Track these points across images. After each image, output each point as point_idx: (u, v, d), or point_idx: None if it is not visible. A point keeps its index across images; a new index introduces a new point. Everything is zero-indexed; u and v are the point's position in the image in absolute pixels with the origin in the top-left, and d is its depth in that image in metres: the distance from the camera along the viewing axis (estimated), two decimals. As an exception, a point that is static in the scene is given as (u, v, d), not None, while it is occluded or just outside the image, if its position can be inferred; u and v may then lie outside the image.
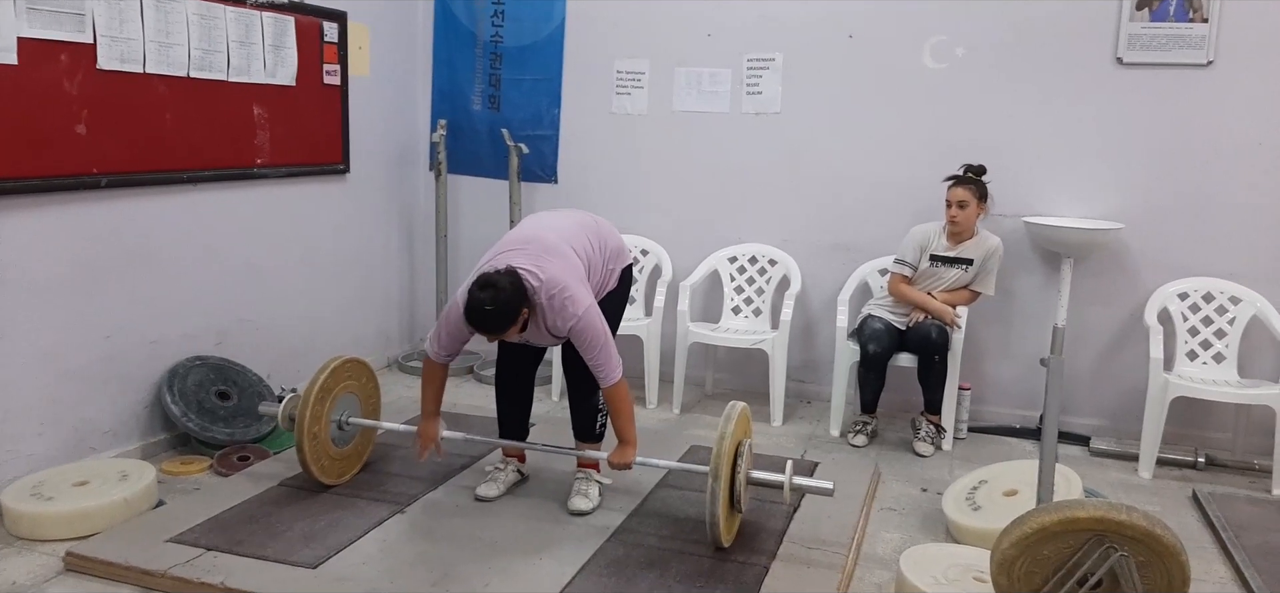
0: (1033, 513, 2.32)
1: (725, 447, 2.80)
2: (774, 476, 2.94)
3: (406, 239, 5.26)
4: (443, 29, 5.14)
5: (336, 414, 3.35)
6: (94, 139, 3.38)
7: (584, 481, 3.28)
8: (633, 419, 3.07)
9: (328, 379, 3.28)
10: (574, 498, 3.23)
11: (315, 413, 3.23)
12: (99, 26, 3.35)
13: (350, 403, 3.43)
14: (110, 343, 3.54)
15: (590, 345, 2.94)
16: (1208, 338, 4.06)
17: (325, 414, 3.29)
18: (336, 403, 3.35)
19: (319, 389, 3.24)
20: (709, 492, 2.79)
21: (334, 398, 3.33)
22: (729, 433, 2.82)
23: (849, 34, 4.47)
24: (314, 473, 3.26)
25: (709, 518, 2.81)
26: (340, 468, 3.40)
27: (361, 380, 3.49)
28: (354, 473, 3.48)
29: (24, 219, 3.21)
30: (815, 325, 4.73)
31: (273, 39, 4.10)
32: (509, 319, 2.82)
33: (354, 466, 3.49)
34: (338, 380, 3.35)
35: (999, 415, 4.43)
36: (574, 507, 3.20)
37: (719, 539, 2.85)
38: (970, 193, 4.01)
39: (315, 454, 3.26)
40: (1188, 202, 4.11)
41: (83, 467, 3.31)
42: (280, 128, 4.18)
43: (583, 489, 3.25)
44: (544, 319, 2.94)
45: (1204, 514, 3.45)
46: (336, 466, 3.38)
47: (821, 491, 2.94)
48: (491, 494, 3.29)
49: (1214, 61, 4.01)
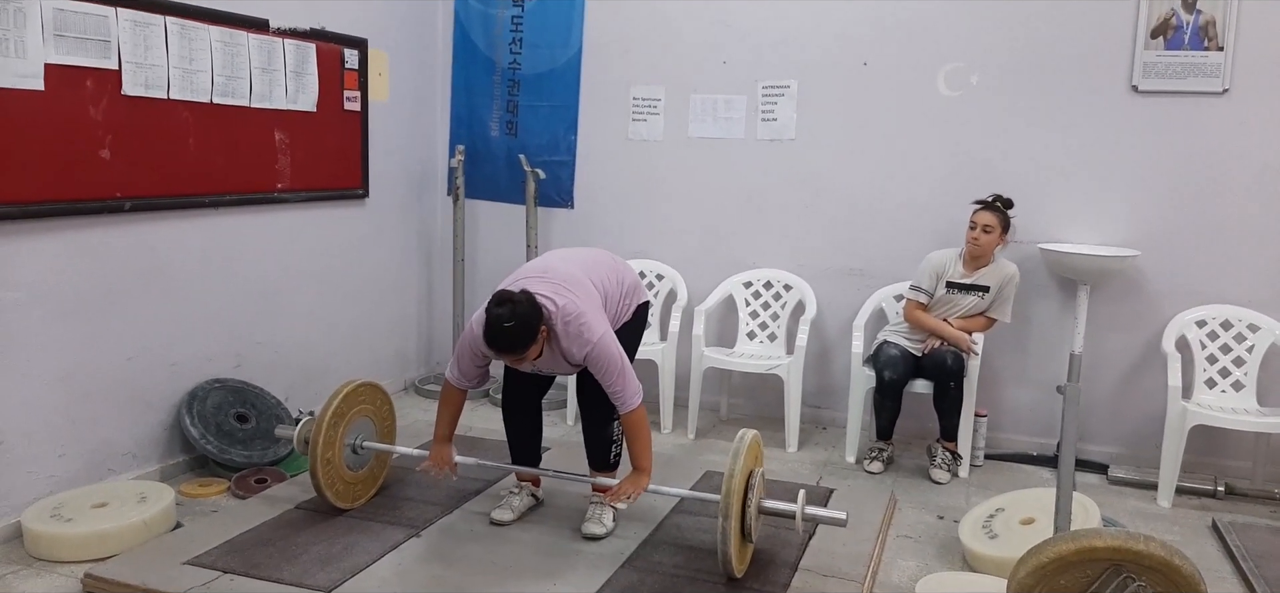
0: (1050, 542, 2.31)
1: (735, 483, 2.78)
2: (786, 506, 2.93)
3: (424, 263, 5.30)
4: (461, 56, 5.20)
5: (351, 438, 3.37)
6: (118, 164, 3.43)
7: (598, 506, 3.28)
8: (649, 447, 3.08)
9: (341, 404, 3.31)
10: (588, 523, 3.23)
11: (329, 438, 3.25)
12: (124, 53, 3.41)
13: (365, 427, 3.45)
14: (131, 365, 3.58)
15: (607, 372, 2.95)
16: (1226, 366, 4.03)
17: (339, 438, 3.31)
18: (351, 427, 3.37)
19: (332, 414, 3.27)
20: (720, 529, 2.78)
21: (348, 422, 3.36)
22: (739, 466, 2.81)
23: (863, 62, 4.50)
24: (328, 497, 3.28)
25: (721, 553, 2.81)
26: (355, 492, 3.42)
27: (376, 404, 3.52)
28: (369, 497, 3.49)
29: (48, 242, 3.26)
30: (830, 351, 4.72)
31: (294, 65, 4.16)
32: (527, 338, 2.81)
33: (369, 489, 3.50)
34: (351, 404, 3.37)
35: (1016, 442, 4.41)
36: (588, 531, 3.20)
37: (732, 571, 2.84)
38: (996, 220, 4.01)
39: (329, 478, 3.28)
40: (1204, 228, 4.10)
41: (102, 489, 3.34)
42: (301, 153, 4.24)
43: (597, 515, 3.25)
44: (560, 345, 2.95)
45: (1224, 544, 3.41)
46: (351, 489, 3.40)
47: (834, 521, 2.93)
48: (506, 518, 3.30)
49: (1229, 89, 4.00)
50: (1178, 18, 4.04)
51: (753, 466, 2.94)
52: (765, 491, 2.99)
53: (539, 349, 2.90)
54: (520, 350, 2.84)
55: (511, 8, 5.04)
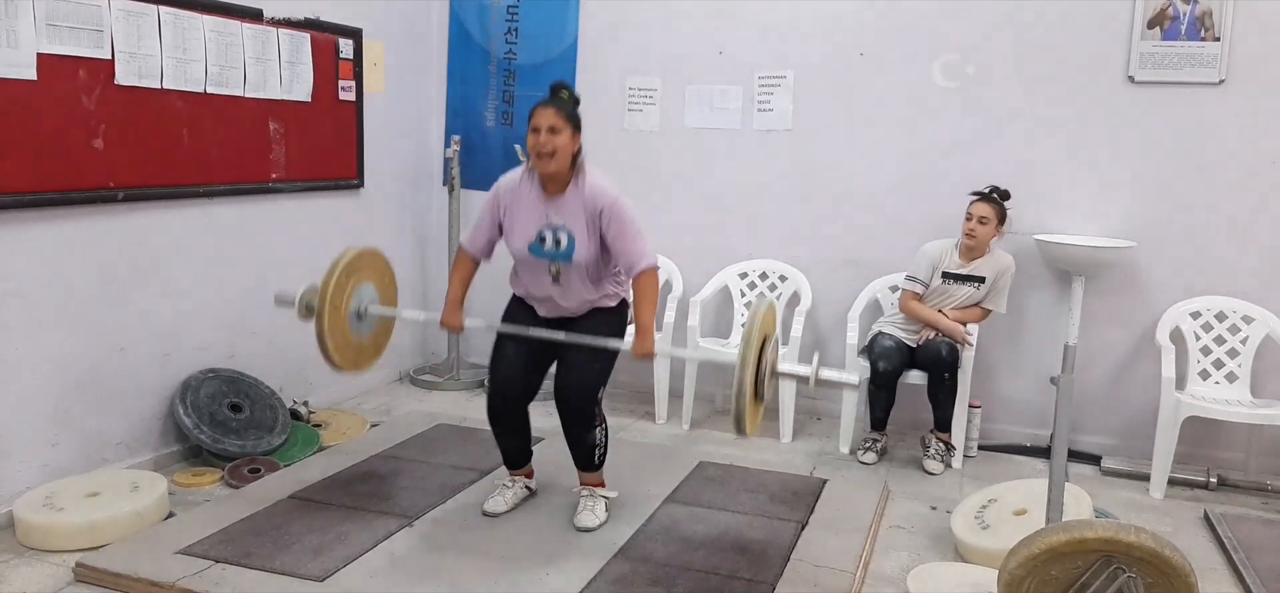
0: (1041, 533, 2.32)
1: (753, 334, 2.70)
2: (801, 368, 2.87)
3: (419, 253, 5.30)
4: (457, 46, 5.19)
5: (355, 304, 3.26)
6: (111, 154, 3.42)
7: (589, 497, 3.28)
8: (654, 309, 3.05)
9: (345, 269, 3.17)
10: (581, 514, 3.23)
11: (335, 301, 3.13)
12: (117, 43, 3.39)
13: (368, 292, 3.33)
14: (124, 355, 3.57)
15: (623, 230, 3.01)
16: (1220, 357, 4.03)
17: (345, 302, 3.19)
18: (355, 292, 3.25)
19: (338, 276, 3.14)
20: (735, 384, 2.71)
21: (352, 287, 3.24)
22: (756, 325, 2.73)
23: (860, 52, 4.49)
24: (335, 360, 3.18)
25: (734, 410, 2.75)
26: (360, 357, 3.34)
27: (379, 271, 3.40)
28: (370, 364, 3.42)
29: (41, 232, 3.25)
30: (825, 342, 4.72)
31: (289, 55, 4.14)
32: (572, 105, 3.02)
33: (371, 357, 3.42)
34: (355, 270, 3.24)
35: (1009, 434, 4.41)
36: (581, 523, 3.20)
37: (744, 429, 2.78)
38: (992, 211, 4.01)
39: (336, 341, 3.17)
40: (1200, 220, 4.10)
41: (95, 478, 3.34)
42: (295, 143, 4.23)
43: (589, 506, 3.25)
44: (584, 189, 3.03)
45: (1216, 535, 3.42)
46: (357, 354, 3.31)
47: (846, 385, 2.90)
48: (499, 509, 3.30)
49: (1226, 80, 4.00)
50: (1175, 8, 4.03)
51: (768, 330, 2.84)
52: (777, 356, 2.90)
53: (570, 139, 3.00)
54: (563, 114, 2.97)
55: (507, -3, 5.02)
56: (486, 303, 5.30)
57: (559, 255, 3.07)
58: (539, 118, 3.00)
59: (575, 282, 3.11)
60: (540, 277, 3.14)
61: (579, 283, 3.12)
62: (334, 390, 4.65)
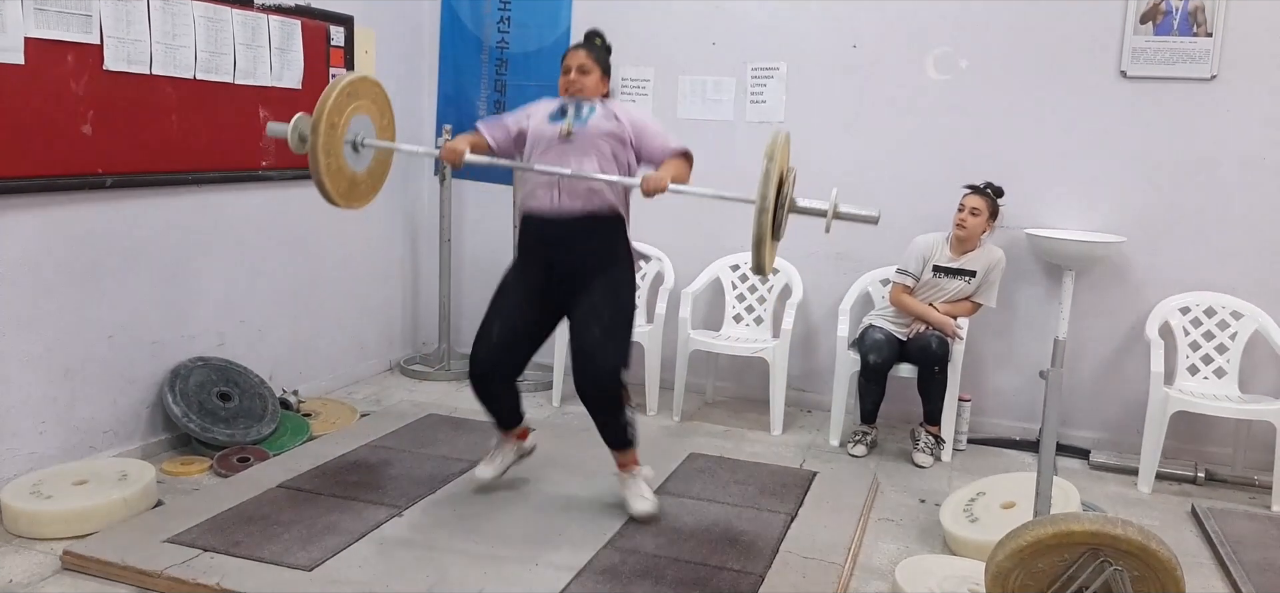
0: (1028, 526, 2.33)
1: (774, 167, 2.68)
2: (818, 203, 2.84)
3: (410, 243, 5.28)
4: (449, 35, 5.17)
5: (350, 135, 3.11)
6: (100, 139, 3.40)
7: (632, 480, 3.23)
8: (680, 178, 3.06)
9: (339, 96, 3.01)
10: (634, 503, 3.18)
11: (330, 129, 2.98)
12: (106, 27, 3.37)
13: (364, 124, 3.18)
14: (113, 343, 3.56)
15: (646, 129, 3.08)
16: (1209, 353, 4.05)
17: (340, 131, 3.03)
18: (350, 123, 3.10)
19: (332, 104, 2.98)
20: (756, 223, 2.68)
21: (348, 117, 3.07)
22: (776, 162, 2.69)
23: (853, 44, 4.48)
24: (330, 192, 3.07)
25: (754, 248, 2.73)
26: (356, 191, 3.22)
27: (376, 101, 3.25)
28: (369, 199, 3.30)
29: (29, 218, 3.23)
30: (816, 335, 4.73)
31: (279, 42, 4.12)
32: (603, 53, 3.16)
33: (370, 192, 3.30)
34: (350, 99, 3.08)
35: (999, 427, 4.43)
36: (637, 511, 3.16)
37: (763, 267, 2.79)
38: (984, 204, 4.02)
39: (332, 173, 3.04)
40: (1190, 215, 4.11)
41: (83, 466, 3.32)
42: (285, 131, 4.20)
43: (636, 490, 3.21)
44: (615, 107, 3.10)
45: (1203, 530, 3.44)
46: (353, 188, 3.19)
47: (866, 219, 2.87)
48: (488, 475, 3.30)
49: (1217, 75, 4.01)
50: (1167, 3, 4.04)
51: (784, 164, 2.81)
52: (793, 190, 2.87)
53: (599, 80, 3.13)
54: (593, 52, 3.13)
55: (499, -14, 5.00)
56: (480, 278, 5.30)
57: (577, 119, 3.06)
58: (570, 58, 3.12)
59: (588, 151, 3.02)
60: (551, 142, 3.06)
61: (591, 153, 3.02)
62: (324, 380, 4.64)
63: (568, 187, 3.04)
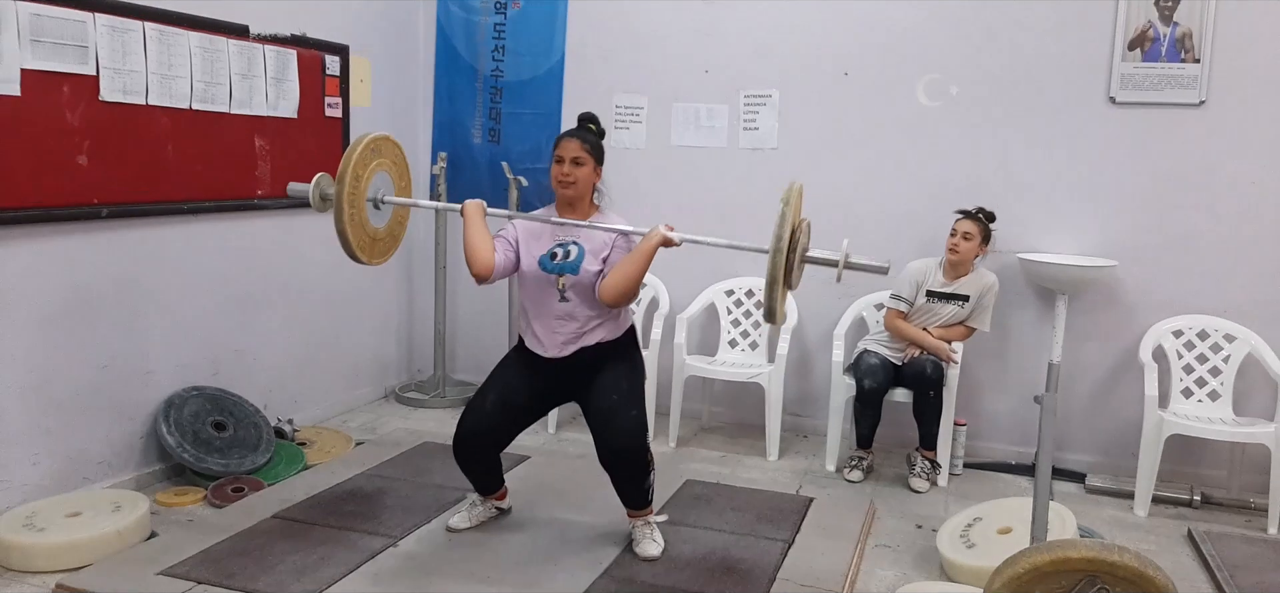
0: (1025, 552, 2.33)
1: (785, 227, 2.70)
2: (829, 254, 2.86)
3: (405, 271, 5.28)
4: (444, 63, 5.19)
5: (371, 193, 3.16)
6: (95, 170, 3.40)
7: (643, 526, 3.21)
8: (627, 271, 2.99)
9: (362, 154, 3.07)
10: (642, 545, 3.16)
11: (354, 188, 3.03)
12: (102, 59, 3.38)
13: (384, 181, 3.24)
14: (106, 373, 3.55)
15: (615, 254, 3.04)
16: (1202, 376, 4.06)
17: (362, 190, 3.09)
18: (370, 181, 3.16)
19: (356, 161, 3.03)
20: (769, 275, 2.71)
21: (369, 176, 3.14)
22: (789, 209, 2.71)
23: (844, 72, 4.52)
24: (354, 250, 3.10)
25: (767, 299, 2.76)
26: (378, 247, 3.26)
27: (394, 159, 3.30)
28: (389, 255, 3.35)
29: (24, 248, 3.23)
30: (811, 359, 4.74)
31: (275, 72, 4.14)
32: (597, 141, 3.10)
33: (390, 248, 3.35)
34: (371, 157, 3.14)
35: (994, 451, 4.43)
36: (645, 553, 3.14)
37: (775, 317, 2.80)
38: (977, 228, 4.05)
39: (356, 231, 3.08)
40: (1181, 239, 4.14)
41: (76, 498, 3.30)
42: (281, 159, 4.21)
43: (647, 534, 3.19)
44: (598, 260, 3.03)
45: (1200, 554, 3.44)
46: (374, 244, 3.24)
47: (876, 269, 2.88)
48: (461, 525, 3.29)
49: (1206, 101, 4.04)
50: (1155, 30, 4.08)
51: (798, 215, 2.82)
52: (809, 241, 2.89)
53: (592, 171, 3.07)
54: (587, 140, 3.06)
55: (494, 15, 5.03)
56: (475, 306, 5.30)
57: (567, 267, 3.03)
58: (564, 148, 3.05)
59: (584, 301, 3.05)
60: (548, 296, 3.07)
61: (588, 304, 3.05)
62: (319, 409, 4.63)
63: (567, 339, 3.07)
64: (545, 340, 3.09)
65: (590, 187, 3.09)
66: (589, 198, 3.12)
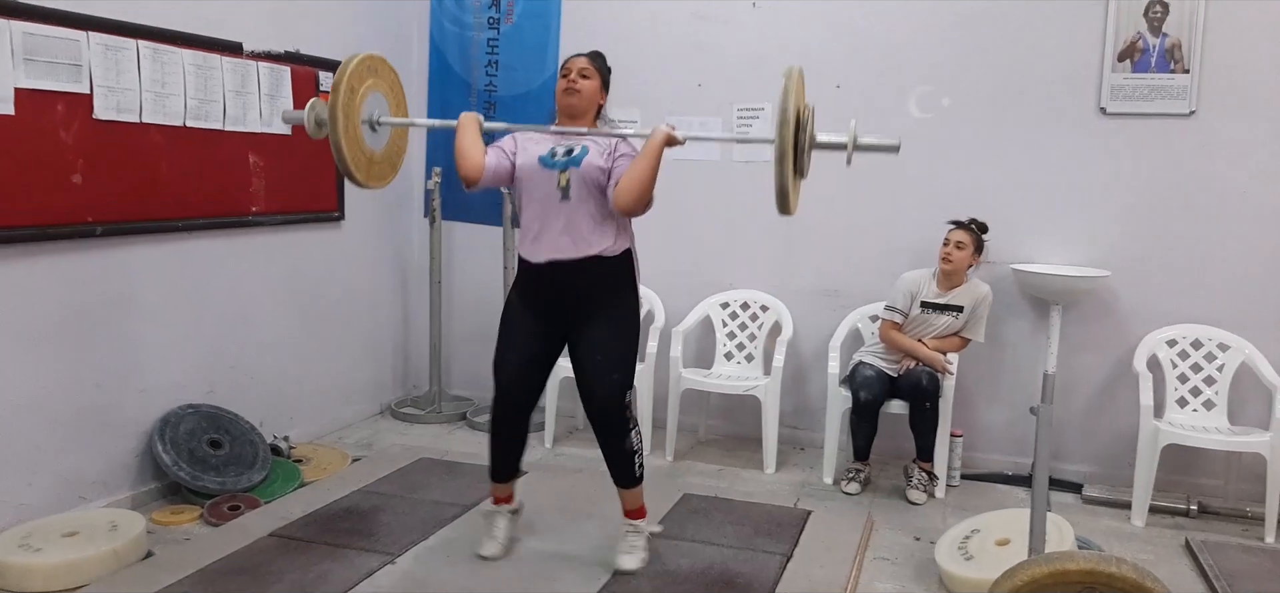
0: (1024, 565, 2.33)
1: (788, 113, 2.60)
2: (837, 137, 2.79)
3: (400, 285, 5.28)
4: (437, 78, 5.19)
5: (365, 114, 3.08)
6: (90, 188, 3.40)
7: (633, 534, 3.19)
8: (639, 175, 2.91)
9: (352, 75, 2.97)
10: (621, 556, 3.15)
11: (347, 107, 2.94)
12: (96, 77, 3.38)
13: (379, 102, 3.16)
14: (101, 391, 3.53)
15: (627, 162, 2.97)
16: (1197, 385, 4.08)
17: (356, 109, 3.01)
18: (364, 102, 3.08)
19: (347, 83, 2.94)
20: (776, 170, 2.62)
21: (362, 96, 3.05)
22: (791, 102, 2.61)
23: (836, 85, 4.53)
24: (354, 173, 3.02)
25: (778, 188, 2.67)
26: (378, 170, 3.19)
27: (387, 80, 3.22)
28: (387, 181, 3.27)
29: (17, 267, 3.22)
30: (807, 372, 4.74)
31: (268, 88, 4.14)
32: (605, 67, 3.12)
33: (388, 172, 3.28)
34: (363, 78, 3.05)
35: (991, 462, 4.44)
36: (622, 565, 3.12)
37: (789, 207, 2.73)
38: (969, 238, 4.07)
39: (353, 153, 3.00)
40: (1174, 249, 4.16)
41: (72, 517, 3.29)
42: (276, 176, 4.21)
43: (631, 544, 3.17)
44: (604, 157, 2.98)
45: (1197, 563, 3.44)
46: (374, 167, 3.16)
47: (886, 148, 2.82)
48: (495, 552, 3.22)
49: (1196, 111, 4.07)
50: (1144, 40, 4.11)
51: (800, 103, 2.72)
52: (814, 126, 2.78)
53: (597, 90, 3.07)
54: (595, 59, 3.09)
55: (487, 30, 5.04)
56: (471, 319, 5.30)
57: (570, 162, 2.95)
58: (572, 62, 3.08)
59: (584, 199, 2.95)
60: (548, 195, 2.96)
61: (587, 202, 2.95)
62: (315, 425, 4.62)
63: (565, 238, 2.98)
64: (543, 242, 2.99)
65: (595, 104, 3.08)
66: (592, 117, 3.08)
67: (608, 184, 2.97)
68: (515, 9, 4.99)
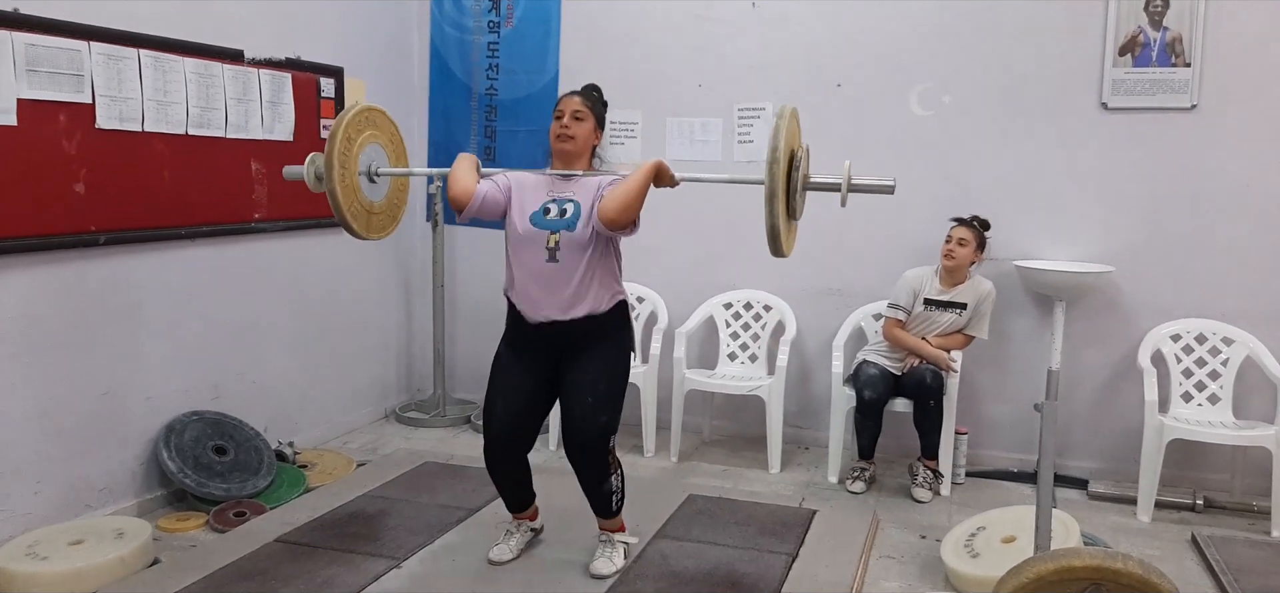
0: (1030, 562, 2.33)
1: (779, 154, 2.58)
2: (831, 178, 2.78)
3: (403, 290, 5.29)
4: (438, 83, 5.20)
5: (365, 165, 3.15)
6: (93, 197, 3.41)
7: (608, 543, 3.19)
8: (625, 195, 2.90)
9: (348, 128, 3.04)
10: (596, 561, 3.14)
11: (344, 161, 3.01)
12: (98, 86, 3.39)
13: (377, 154, 3.22)
14: (107, 399, 3.54)
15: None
16: (1202, 380, 4.07)
17: (353, 162, 3.07)
18: (362, 154, 3.14)
19: (342, 137, 3.00)
20: (768, 211, 2.62)
21: (359, 148, 3.11)
22: (781, 143, 2.58)
23: (837, 83, 4.54)
24: (351, 224, 3.09)
25: (769, 231, 2.67)
26: (377, 222, 3.23)
27: (385, 130, 3.26)
28: (388, 232, 3.33)
29: (22, 277, 3.23)
30: (811, 371, 4.74)
31: (270, 95, 4.15)
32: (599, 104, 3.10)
33: (390, 224, 3.32)
34: (359, 130, 3.11)
35: (996, 459, 4.44)
36: (595, 570, 3.11)
37: (781, 251, 2.72)
38: (971, 234, 4.06)
39: (350, 204, 3.07)
40: (1177, 243, 4.15)
41: (78, 525, 3.30)
42: (278, 182, 4.20)
43: (606, 552, 3.16)
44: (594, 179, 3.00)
45: (1204, 558, 3.43)
46: (373, 219, 3.20)
47: (882, 189, 2.82)
48: (505, 557, 3.21)
49: (1198, 105, 4.06)
50: (1145, 35, 4.11)
51: (794, 143, 2.71)
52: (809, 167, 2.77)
53: (591, 132, 3.05)
54: (589, 97, 3.07)
55: (487, 34, 5.05)
56: (474, 323, 5.30)
57: (561, 225, 2.92)
58: (564, 103, 3.04)
59: (573, 263, 2.92)
60: (537, 255, 2.93)
61: (576, 265, 2.92)
62: (319, 431, 4.63)
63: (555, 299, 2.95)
64: (531, 303, 2.97)
65: (589, 146, 3.05)
66: (587, 158, 3.05)
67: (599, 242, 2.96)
68: (515, 12, 5.00)
